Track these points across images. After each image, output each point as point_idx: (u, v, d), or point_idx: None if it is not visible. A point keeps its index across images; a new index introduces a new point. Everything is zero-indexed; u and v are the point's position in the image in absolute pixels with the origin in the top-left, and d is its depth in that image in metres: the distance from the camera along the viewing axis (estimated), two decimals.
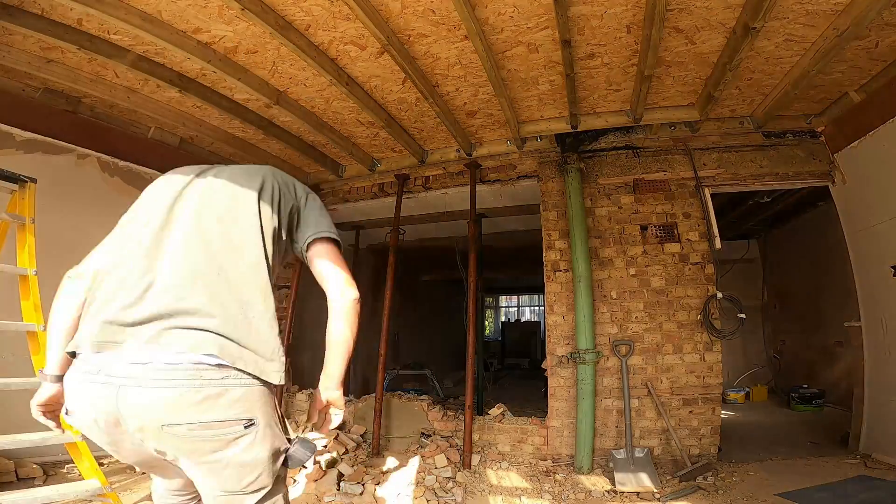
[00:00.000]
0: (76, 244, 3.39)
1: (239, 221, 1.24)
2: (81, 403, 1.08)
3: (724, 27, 2.71)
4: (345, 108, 3.68)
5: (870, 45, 2.84)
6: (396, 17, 2.63)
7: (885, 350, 3.31)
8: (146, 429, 1.03)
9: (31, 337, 2.33)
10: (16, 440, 2.09)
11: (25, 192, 2.49)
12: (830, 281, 5.09)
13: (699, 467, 3.16)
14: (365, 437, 4.03)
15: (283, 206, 1.33)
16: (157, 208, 1.24)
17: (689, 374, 3.55)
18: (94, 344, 1.07)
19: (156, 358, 1.04)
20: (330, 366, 1.39)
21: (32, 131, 3.24)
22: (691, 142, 3.95)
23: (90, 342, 1.08)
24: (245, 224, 1.24)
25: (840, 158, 3.65)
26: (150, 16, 2.57)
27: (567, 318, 3.79)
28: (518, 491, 3.16)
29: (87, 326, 1.11)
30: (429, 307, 10.71)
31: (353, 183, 5.00)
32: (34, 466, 2.81)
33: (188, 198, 1.26)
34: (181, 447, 1.05)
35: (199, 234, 1.19)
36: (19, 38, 2.78)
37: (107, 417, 1.04)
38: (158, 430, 1.02)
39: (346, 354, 1.41)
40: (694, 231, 3.76)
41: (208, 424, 1.03)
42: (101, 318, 1.10)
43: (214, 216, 1.22)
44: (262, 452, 1.11)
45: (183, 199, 1.25)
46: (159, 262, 1.15)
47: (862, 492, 2.74)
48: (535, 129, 3.99)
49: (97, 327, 1.09)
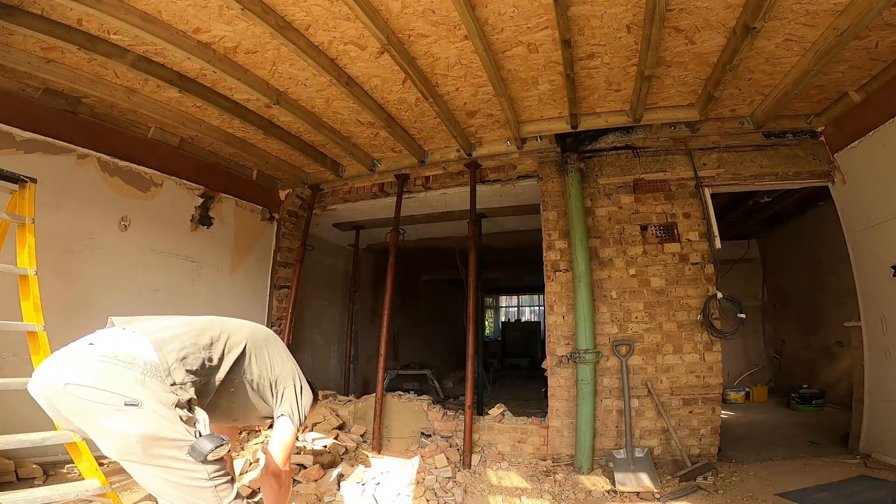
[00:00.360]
0: (76, 244, 3.43)
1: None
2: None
3: (724, 27, 2.71)
4: (345, 108, 3.68)
5: (870, 45, 2.84)
6: (396, 17, 2.63)
7: (885, 350, 3.30)
8: (52, 387, 1.44)
9: (30, 337, 2.33)
10: (16, 440, 2.09)
11: (25, 192, 2.49)
12: (830, 281, 5.10)
13: (699, 467, 3.17)
14: (365, 437, 4.03)
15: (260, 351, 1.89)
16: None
17: (689, 374, 3.55)
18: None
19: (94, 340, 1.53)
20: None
21: (32, 131, 3.24)
22: (691, 142, 3.95)
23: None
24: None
25: (840, 158, 3.65)
26: (150, 16, 2.57)
27: (567, 318, 3.79)
28: (518, 491, 3.16)
29: None
30: (429, 307, 10.71)
31: (353, 183, 5.00)
32: (34, 466, 2.81)
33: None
34: (73, 408, 1.40)
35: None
36: (19, 38, 2.78)
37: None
38: (62, 388, 1.38)
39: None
40: (694, 231, 3.76)
41: (95, 388, 1.37)
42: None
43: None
44: (132, 429, 1.36)
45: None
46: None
47: (862, 492, 2.74)
48: (535, 129, 3.99)
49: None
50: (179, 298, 4.06)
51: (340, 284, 6.67)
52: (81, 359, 1.42)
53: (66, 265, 3.36)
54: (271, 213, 5.17)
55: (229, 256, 4.66)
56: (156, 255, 3.97)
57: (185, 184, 4.26)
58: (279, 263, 5.13)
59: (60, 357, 1.46)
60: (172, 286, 4.06)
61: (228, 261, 4.65)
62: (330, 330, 6.42)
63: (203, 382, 1.60)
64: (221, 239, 4.59)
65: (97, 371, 1.38)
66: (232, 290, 4.62)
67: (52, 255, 3.17)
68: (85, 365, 1.40)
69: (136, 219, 3.83)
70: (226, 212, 4.64)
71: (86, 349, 1.45)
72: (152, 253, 3.94)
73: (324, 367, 6.25)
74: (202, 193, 4.38)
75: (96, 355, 1.42)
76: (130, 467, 1.42)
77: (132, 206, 3.81)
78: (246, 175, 4.89)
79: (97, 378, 1.37)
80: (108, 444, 1.38)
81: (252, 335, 1.83)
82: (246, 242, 4.84)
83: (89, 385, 1.36)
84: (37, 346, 2.30)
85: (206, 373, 1.62)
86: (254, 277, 4.90)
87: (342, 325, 6.52)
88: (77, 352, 1.45)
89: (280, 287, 5.10)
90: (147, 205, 3.94)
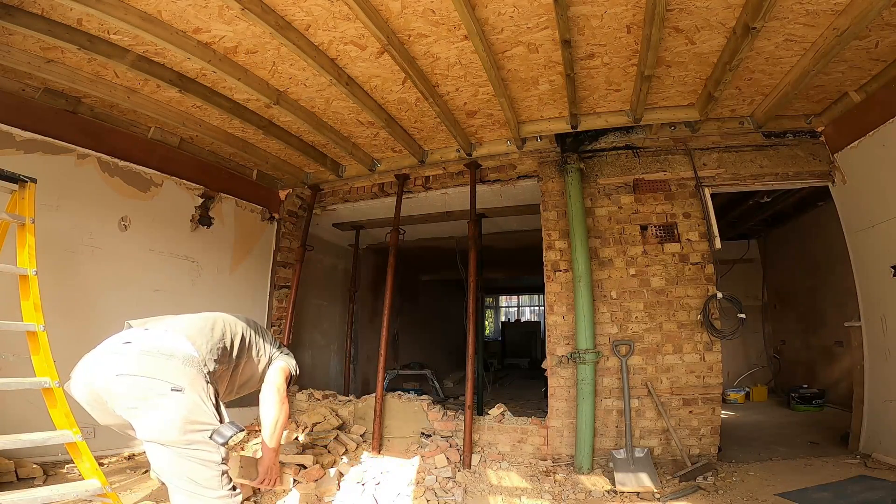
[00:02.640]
0: (76, 244, 3.42)
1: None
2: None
3: (724, 27, 2.71)
4: (345, 108, 3.68)
5: (870, 45, 2.84)
6: (396, 17, 2.63)
7: (885, 350, 3.30)
8: (104, 376, 1.65)
9: (30, 337, 2.32)
10: (16, 440, 2.08)
11: (25, 192, 2.49)
12: (830, 281, 5.10)
13: (699, 467, 3.17)
14: (365, 437, 4.03)
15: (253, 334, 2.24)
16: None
17: (689, 374, 3.55)
18: None
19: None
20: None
21: (32, 131, 3.24)
22: (691, 142, 3.95)
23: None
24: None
25: (840, 158, 3.65)
26: (150, 16, 2.57)
27: (567, 318, 3.79)
28: (518, 491, 3.16)
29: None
30: (429, 307, 10.71)
31: (353, 183, 5.00)
32: (34, 466, 2.81)
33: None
34: (120, 393, 1.60)
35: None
36: (19, 38, 2.78)
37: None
38: (114, 378, 1.58)
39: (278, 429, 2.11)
40: (694, 231, 3.76)
41: (141, 375, 1.61)
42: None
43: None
44: (166, 413, 1.54)
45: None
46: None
47: (862, 492, 2.74)
48: (535, 129, 3.99)
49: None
50: (179, 298, 4.06)
51: (340, 284, 6.67)
52: (127, 354, 1.61)
53: (66, 265, 3.36)
54: (271, 213, 5.17)
55: (229, 256, 4.66)
56: (156, 255, 3.97)
57: (185, 184, 4.26)
58: (279, 263, 5.13)
59: (101, 355, 1.64)
60: (172, 286, 4.06)
61: (228, 261, 4.65)
62: (330, 330, 6.42)
63: (224, 368, 1.87)
64: (221, 239, 4.59)
65: (144, 362, 1.58)
66: (232, 290, 4.62)
67: (52, 255, 3.17)
68: (132, 358, 1.60)
69: (136, 219, 3.83)
70: (226, 212, 4.64)
71: (125, 347, 1.63)
72: (152, 253, 3.94)
73: (324, 367, 6.25)
74: (202, 193, 4.38)
75: (139, 351, 1.61)
76: (155, 448, 1.57)
77: (132, 206, 3.81)
78: (246, 175, 4.89)
79: (146, 368, 1.57)
80: (150, 426, 1.55)
81: (245, 323, 2.13)
82: (246, 242, 4.84)
83: (139, 374, 1.55)
84: (37, 346, 2.30)
85: (225, 360, 1.89)
86: (254, 277, 4.90)
87: (342, 325, 6.51)
88: (116, 349, 1.63)
89: (280, 287, 5.10)
90: (147, 205, 3.93)
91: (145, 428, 1.56)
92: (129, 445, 3.50)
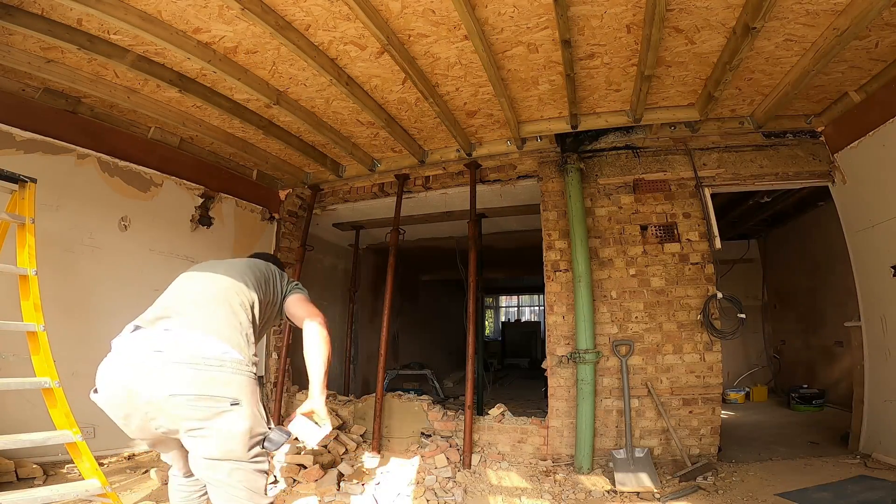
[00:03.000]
0: (76, 244, 3.43)
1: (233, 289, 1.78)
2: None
3: (724, 27, 2.71)
4: (345, 108, 3.68)
5: (870, 45, 2.84)
6: (396, 17, 2.63)
7: (885, 350, 3.30)
8: (154, 400, 1.43)
9: (30, 337, 2.33)
10: (16, 440, 2.09)
11: (25, 192, 2.49)
12: (830, 281, 5.09)
13: (699, 467, 3.17)
14: (365, 437, 4.03)
15: (264, 282, 1.91)
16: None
17: (689, 374, 3.55)
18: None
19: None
20: (313, 377, 1.73)
21: (32, 131, 3.24)
22: (691, 142, 3.95)
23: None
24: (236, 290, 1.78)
25: (840, 158, 3.65)
26: (150, 16, 2.57)
27: (567, 318, 3.79)
28: (518, 491, 3.16)
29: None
30: (429, 307, 10.72)
31: (353, 183, 5.00)
32: (34, 466, 2.81)
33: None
34: (179, 414, 1.43)
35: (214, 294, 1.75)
36: (19, 38, 2.78)
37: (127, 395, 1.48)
38: (166, 399, 1.41)
39: (324, 366, 1.75)
40: (694, 231, 3.76)
41: (201, 395, 1.43)
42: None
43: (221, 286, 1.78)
44: (234, 428, 1.45)
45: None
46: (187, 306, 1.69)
47: (862, 492, 2.74)
48: (535, 129, 3.99)
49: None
50: None
51: (340, 284, 6.67)
52: (174, 367, 1.44)
53: (66, 265, 3.36)
54: (271, 213, 5.17)
55: (229, 256, 4.62)
56: (156, 254, 3.97)
57: (185, 184, 4.26)
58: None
59: (139, 369, 1.44)
60: None
61: None
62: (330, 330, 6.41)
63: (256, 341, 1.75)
64: (221, 239, 4.59)
65: (196, 377, 1.43)
66: None
67: (52, 254, 3.17)
68: (181, 373, 1.43)
69: (136, 219, 3.83)
70: (226, 212, 4.64)
71: (162, 358, 1.45)
72: (152, 253, 3.94)
73: None
74: (202, 193, 4.38)
75: (185, 362, 1.45)
76: (214, 464, 1.47)
77: (132, 206, 3.82)
78: (246, 175, 4.89)
79: (201, 385, 1.43)
80: (215, 445, 1.44)
81: (253, 277, 1.87)
82: (246, 242, 4.84)
83: (195, 392, 1.41)
84: (37, 346, 2.30)
85: (256, 334, 1.75)
86: None
87: (342, 325, 6.51)
88: (153, 365, 1.44)
89: None
90: (147, 205, 3.94)
91: (208, 447, 1.45)
92: (129, 445, 3.50)
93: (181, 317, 1.62)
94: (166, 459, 1.78)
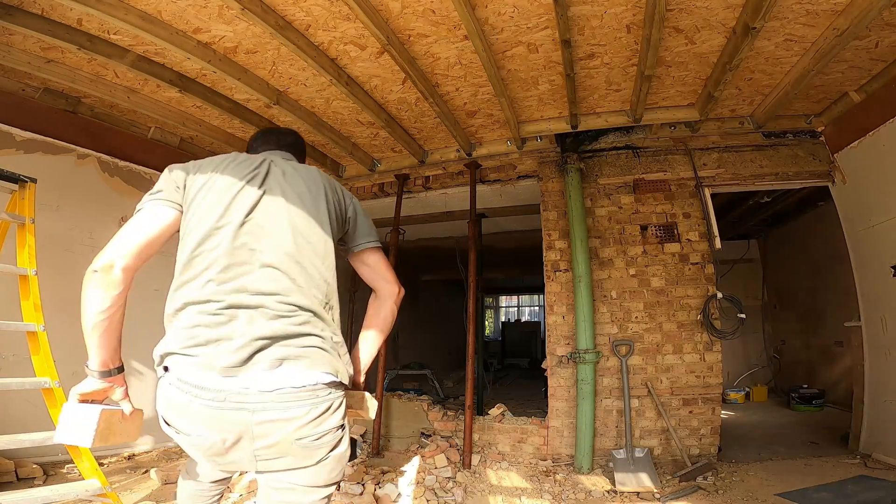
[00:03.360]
0: (76, 244, 3.43)
1: (316, 234, 1.40)
2: (204, 426, 1.15)
3: (724, 27, 2.71)
4: (345, 108, 3.68)
5: (870, 45, 2.84)
6: (396, 17, 2.63)
7: (885, 350, 3.31)
8: (279, 443, 1.17)
9: (30, 337, 2.33)
10: (16, 440, 2.09)
11: (25, 192, 2.49)
12: (830, 281, 5.10)
13: (699, 467, 3.17)
14: (365, 437, 4.03)
15: (339, 216, 1.51)
16: (236, 210, 1.31)
17: (689, 374, 3.55)
18: (213, 369, 1.14)
19: (282, 384, 1.17)
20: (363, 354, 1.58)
21: (32, 131, 3.24)
22: (691, 142, 3.95)
23: (205, 367, 1.14)
24: (322, 236, 1.42)
25: (840, 158, 3.65)
26: (150, 16, 2.57)
27: (567, 318, 3.79)
28: (518, 491, 3.16)
29: (190, 348, 1.16)
30: (429, 307, 10.72)
31: (353, 183, 5.00)
32: (34, 466, 2.81)
33: (267, 204, 1.35)
34: (299, 454, 1.21)
35: (289, 247, 1.33)
36: (19, 38, 2.78)
37: (235, 438, 1.15)
38: (290, 443, 1.18)
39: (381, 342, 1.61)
40: (694, 231, 3.76)
41: (324, 433, 1.23)
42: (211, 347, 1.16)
43: (296, 230, 1.36)
44: (345, 449, 1.31)
45: (262, 204, 1.34)
46: (254, 271, 1.26)
47: (862, 492, 2.74)
48: (535, 129, 3.99)
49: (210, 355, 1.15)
50: None
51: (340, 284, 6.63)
52: (286, 405, 1.18)
53: (66, 265, 3.36)
54: None
55: None
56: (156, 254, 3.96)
57: None
58: None
59: (246, 416, 1.14)
60: None
61: None
62: None
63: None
64: None
65: (314, 413, 1.22)
66: None
67: (52, 254, 3.17)
68: (298, 410, 1.19)
69: None
70: None
71: (251, 396, 1.15)
72: None
73: None
74: None
75: (294, 399, 1.19)
76: (316, 490, 1.29)
77: (132, 206, 3.76)
78: None
79: (321, 423, 1.24)
80: (324, 475, 1.27)
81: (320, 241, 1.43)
82: None
83: (320, 432, 1.24)
84: (37, 346, 2.30)
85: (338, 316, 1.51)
86: None
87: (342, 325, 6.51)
88: (266, 404, 1.16)
89: None
90: None
91: (317, 477, 1.28)
92: (129, 445, 3.50)
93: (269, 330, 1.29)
94: (200, 470, 1.58)
